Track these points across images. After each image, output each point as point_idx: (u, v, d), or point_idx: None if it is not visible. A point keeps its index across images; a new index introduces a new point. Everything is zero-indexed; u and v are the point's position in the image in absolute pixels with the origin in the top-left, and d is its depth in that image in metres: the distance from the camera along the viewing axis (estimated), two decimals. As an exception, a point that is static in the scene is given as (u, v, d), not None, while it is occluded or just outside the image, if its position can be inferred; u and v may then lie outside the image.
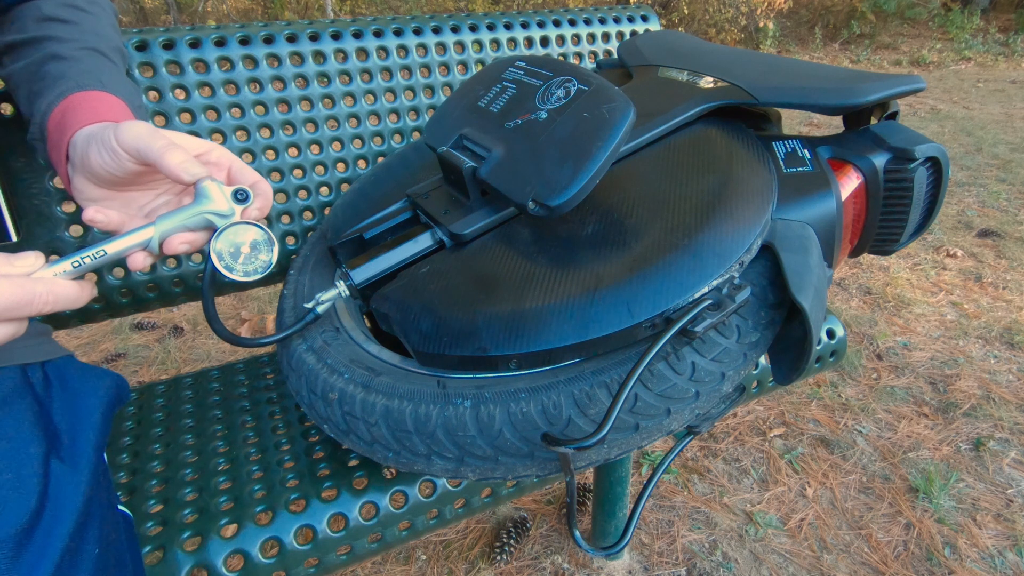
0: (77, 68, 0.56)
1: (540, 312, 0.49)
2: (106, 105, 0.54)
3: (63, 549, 0.37)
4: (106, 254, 0.44)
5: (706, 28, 7.01)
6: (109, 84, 0.56)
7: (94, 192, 0.51)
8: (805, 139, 0.63)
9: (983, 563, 1.10)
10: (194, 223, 0.47)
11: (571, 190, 0.51)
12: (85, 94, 0.54)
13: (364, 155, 0.91)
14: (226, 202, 0.47)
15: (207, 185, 0.47)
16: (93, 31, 0.60)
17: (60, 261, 0.44)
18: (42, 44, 0.57)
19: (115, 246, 0.45)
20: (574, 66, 0.60)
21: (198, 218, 0.47)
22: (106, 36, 0.62)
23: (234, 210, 0.48)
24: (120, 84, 0.58)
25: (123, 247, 0.45)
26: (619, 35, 1.08)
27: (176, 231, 0.46)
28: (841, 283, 2.08)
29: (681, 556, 1.14)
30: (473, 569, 1.12)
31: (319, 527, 0.55)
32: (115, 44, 0.62)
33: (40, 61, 0.56)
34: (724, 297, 0.48)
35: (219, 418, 0.70)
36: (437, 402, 0.49)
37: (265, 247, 0.48)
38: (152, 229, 0.46)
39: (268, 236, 0.48)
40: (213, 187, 0.47)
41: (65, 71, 0.55)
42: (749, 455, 1.37)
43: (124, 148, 0.47)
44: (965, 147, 3.36)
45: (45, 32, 0.57)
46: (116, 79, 0.58)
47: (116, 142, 0.47)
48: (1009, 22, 7.14)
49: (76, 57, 0.57)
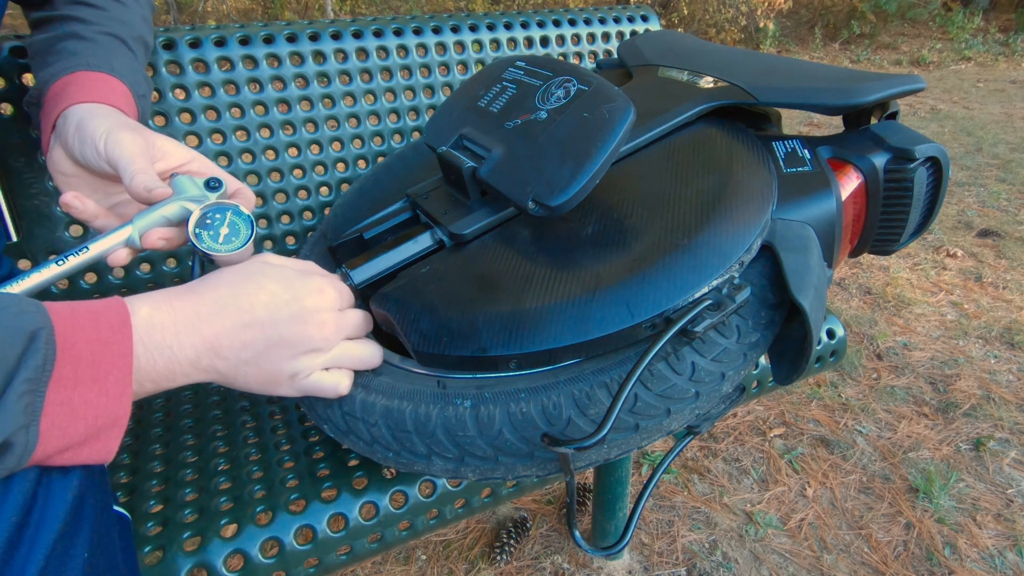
0: (92, 49, 0.58)
1: (540, 312, 0.49)
2: (107, 87, 0.56)
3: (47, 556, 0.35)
4: (90, 252, 0.47)
5: (706, 28, 7.01)
6: (118, 69, 0.58)
7: (68, 167, 0.53)
8: (805, 139, 0.63)
9: (983, 563, 1.10)
10: (172, 215, 0.49)
11: (571, 190, 0.51)
12: (90, 74, 0.56)
13: (364, 155, 0.91)
14: (199, 191, 0.50)
15: (180, 179, 0.50)
16: (119, 19, 0.62)
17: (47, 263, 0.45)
18: (67, 23, 0.60)
19: (98, 245, 0.47)
20: (574, 66, 0.60)
21: (176, 211, 0.49)
22: (132, 25, 0.63)
23: (207, 197, 0.50)
24: (130, 71, 0.59)
25: (106, 246, 0.47)
26: (619, 35, 1.08)
27: (154, 225, 0.48)
28: (841, 283, 2.08)
29: (681, 556, 1.14)
30: (473, 569, 1.12)
31: (319, 527, 0.55)
32: (138, 34, 0.64)
33: (60, 37, 0.58)
34: (724, 297, 0.48)
35: (219, 418, 0.70)
36: (437, 402, 0.49)
37: (244, 224, 0.50)
38: (131, 228, 0.48)
39: (244, 214, 0.50)
40: (185, 180, 0.50)
41: (79, 50, 0.57)
42: (749, 455, 1.37)
43: (107, 157, 0.49)
44: (965, 147, 3.36)
45: (73, 13, 0.60)
46: (127, 66, 0.60)
47: (103, 146, 0.49)
48: (1009, 22, 7.14)
49: (94, 39, 0.59)
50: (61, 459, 0.36)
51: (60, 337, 0.34)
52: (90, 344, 0.36)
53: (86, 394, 0.35)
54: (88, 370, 0.35)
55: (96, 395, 0.36)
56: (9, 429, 0.32)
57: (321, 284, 0.47)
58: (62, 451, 0.36)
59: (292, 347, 0.45)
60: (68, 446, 0.36)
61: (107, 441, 0.37)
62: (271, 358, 0.44)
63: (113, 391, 0.37)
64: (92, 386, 0.36)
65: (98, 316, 0.37)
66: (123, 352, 0.37)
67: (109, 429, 0.37)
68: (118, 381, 0.37)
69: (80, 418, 0.35)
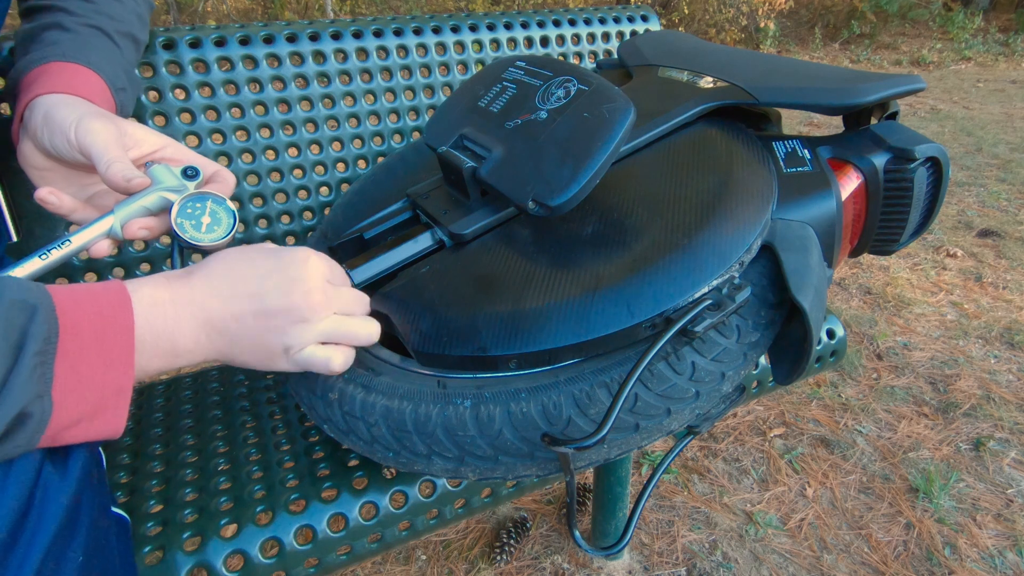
0: (72, 40, 0.57)
1: (540, 312, 0.49)
2: (79, 78, 0.55)
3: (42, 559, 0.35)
4: (72, 244, 0.47)
5: (706, 28, 7.01)
6: (95, 62, 0.57)
7: (40, 160, 0.53)
8: (805, 139, 0.63)
9: (983, 563, 1.10)
10: (152, 205, 0.49)
11: (571, 190, 0.51)
12: (64, 64, 0.55)
13: (364, 155, 0.91)
14: (176, 180, 0.50)
15: (156, 168, 0.50)
16: (108, 13, 0.62)
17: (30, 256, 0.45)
18: (54, 13, 0.59)
19: (80, 237, 0.47)
20: (574, 66, 0.60)
21: (156, 200, 0.49)
22: (121, 20, 0.63)
23: (186, 186, 0.50)
24: (108, 64, 0.58)
25: (87, 238, 0.48)
26: (619, 35, 1.08)
27: (135, 216, 0.49)
28: (841, 283, 2.08)
29: (681, 556, 1.14)
30: (473, 569, 1.12)
31: (319, 527, 0.55)
32: (127, 30, 0.63)
33: (44, 27, 0.58)
34: (724, 297, 0.48)
35: (219, 418, 0.70)
36: (437, 402, 0.49)
37: (225, 212, 0.51)
38: (112, 218, 0.48)
39: (224, 202, 0.51)
40: (161, 169, 0.50)
41: (60, 40, 0.57)
42: (749, 455, 1.37)
43: (79, 146, 0.49)
44: (965, 147, 3.36)
45: (61, 4, 0.59)
46: (107, 59, 0.59)
47: (74, 135, 0.49)
48: (1009, 22, 7.14)
49: (77, 31, 0.58)
50: (71, 435, 0.37)
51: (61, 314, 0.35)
52: (91, 319, 0.37)
53: (93, 364, 0.36)
54: (92, 344, 0.36)
55: (102, 365, 0.37)
56: (25, 399, 0.33)
57: (306, 254, 0.47)
58: (74, 423, 0.36)
59: (281, 318, 0.45)
60: (80, 417, 0.37)
61: (116, 411, 0.38)
62: (262, 330, 0.44)
63: (118, 362, 0.38)
64: (97, 359, 0.37)
65: (97, 295, 0.38)
66: (125, 326, 0.38)
67: (116, 398, 0.38)
68: (122, 352, 0.38)
69: (88, 387, 0.36)
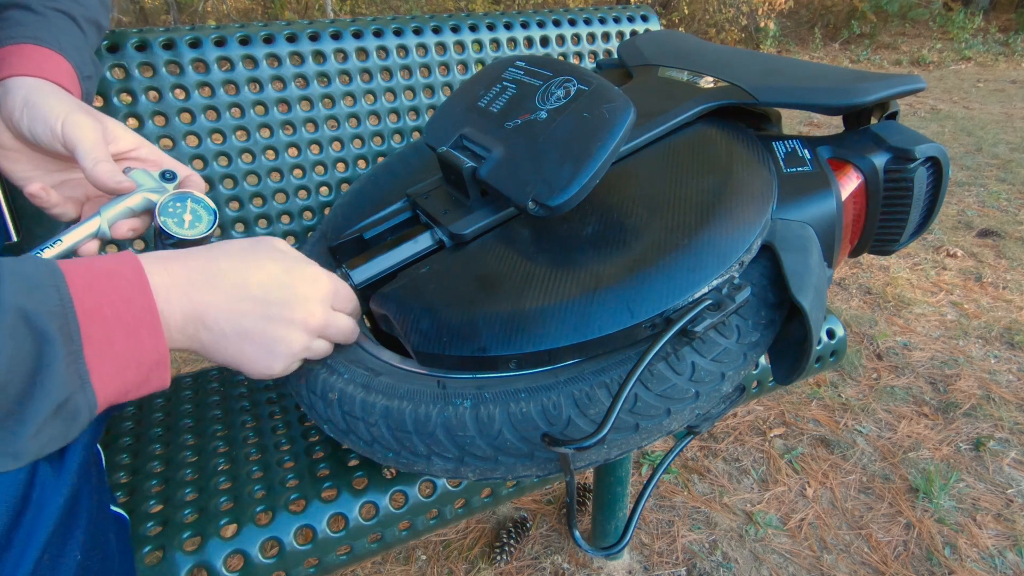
0: (40, 23, 0.57)
1: (540, 312, 0.49)
2: (54, 65, 0.55)
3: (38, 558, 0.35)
4: (63, 244, 0.49)
5: (706, 28, 7.01)
6: (66, 48, 0.57)
7: (7, 140, 0.53)
8: (805, 139, 0.63)
9: (983, 563, 1.10)
10: (136, 206, 0.52)
11: (571, 190, 0.51)
12: (37, 48, 0.55)
13: (364, 155, 0.91)
14: (155, 182, 0.54)
15: (136, 172, 0.53)
16: None
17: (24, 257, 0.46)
18: None
19: (70, 237, 0.50)
20: (574, 66, 0.60)
21: (139, 202, 0.52)
22: (86, 6, 0.62)
23: (165, 188, 0.54)
24: (76, 51, 0.58)
25: (77, 238, 0.50)
26: (619, 35, 1.08)
27: (121, 217, 0.52)
28: (841, 283, 2.08)
29: (681, 556, 1.14)
30: (473, 569, 1.12)
31: (319, 527, 0.55)
32: (93, 16, 0.63)
33: (8, 5, 0.57)
34: (724, 297, 0.48)
35: (219, 418, 0.70)
36: (437, 402, 0.49)
37: (204, 209, 0.54)
38: (99, 219, 0.51)
39: (202, 200, 0.54)
40: (142, 173, 0.54)
41: (27, 21, 0.57)
42: (749, 455, 1.37)
43: (64, 140, 0.50)
44: (965, 147, 3.36)
45: None
46: (75, 45, 0.59)
47: (60, 128, 0.49)
48: (1009, 22, 7.14)
49: (44, 13, 0.58)
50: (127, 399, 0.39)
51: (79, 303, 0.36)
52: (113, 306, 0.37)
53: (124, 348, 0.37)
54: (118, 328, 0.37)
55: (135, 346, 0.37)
56: (66, 392, 0.34)
57: (317, 273, 0.47)
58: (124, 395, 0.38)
59: (276, 330, 0.45)
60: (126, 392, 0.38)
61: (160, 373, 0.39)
62: (254, 337, 0.44)
63: (148, 342, 0.38)
64: (126, 342, 0.37)
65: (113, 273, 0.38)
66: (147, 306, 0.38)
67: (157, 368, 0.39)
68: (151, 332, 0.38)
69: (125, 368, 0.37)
